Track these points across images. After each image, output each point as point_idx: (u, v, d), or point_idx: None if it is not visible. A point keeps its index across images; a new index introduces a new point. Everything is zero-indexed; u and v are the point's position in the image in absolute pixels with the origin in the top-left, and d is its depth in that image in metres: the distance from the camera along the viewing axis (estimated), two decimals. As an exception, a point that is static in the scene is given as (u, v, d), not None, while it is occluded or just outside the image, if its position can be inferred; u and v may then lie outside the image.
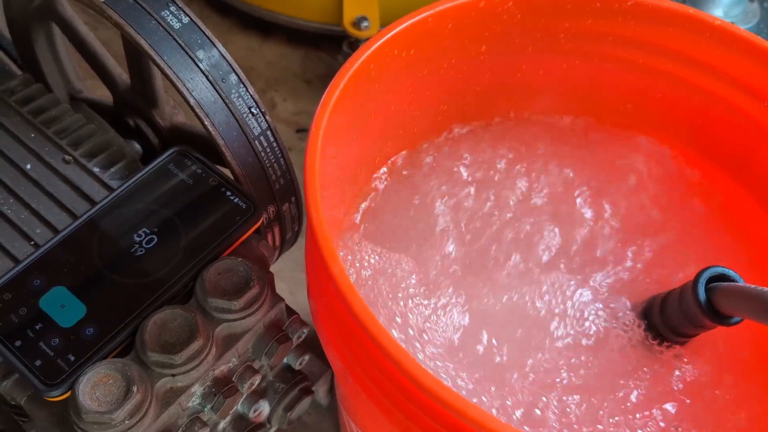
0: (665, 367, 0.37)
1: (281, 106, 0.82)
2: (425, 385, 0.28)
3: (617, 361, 0.37)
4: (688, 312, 0.35)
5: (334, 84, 0.36)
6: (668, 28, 0.44)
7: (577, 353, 0.37)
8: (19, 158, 0.47)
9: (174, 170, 0.45)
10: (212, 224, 0.42)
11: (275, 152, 0.47)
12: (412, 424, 0.32)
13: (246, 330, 0.40)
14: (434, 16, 0.41)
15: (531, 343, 0.38)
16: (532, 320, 0.39)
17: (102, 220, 0.42)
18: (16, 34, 0.56)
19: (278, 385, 0.46)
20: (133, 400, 0.35)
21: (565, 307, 0.39)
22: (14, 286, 0.39)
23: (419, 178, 0.46)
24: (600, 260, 0.41)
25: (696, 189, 0.45)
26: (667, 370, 0.37)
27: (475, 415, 0.27)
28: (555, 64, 0.47)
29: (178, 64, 0.43)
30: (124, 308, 0.39)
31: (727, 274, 0.35)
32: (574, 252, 0.42)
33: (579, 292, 0.39)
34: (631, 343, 0.37)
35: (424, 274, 0.41)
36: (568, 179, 0.45)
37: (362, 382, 0.34)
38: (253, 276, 0.40)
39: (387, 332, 0.29)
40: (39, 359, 0.37)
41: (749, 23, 0.73)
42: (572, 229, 0.42)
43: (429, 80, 0.45)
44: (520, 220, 0.43)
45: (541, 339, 0.38)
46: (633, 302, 0.39)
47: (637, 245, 0.42)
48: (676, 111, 0.46)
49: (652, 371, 0.37)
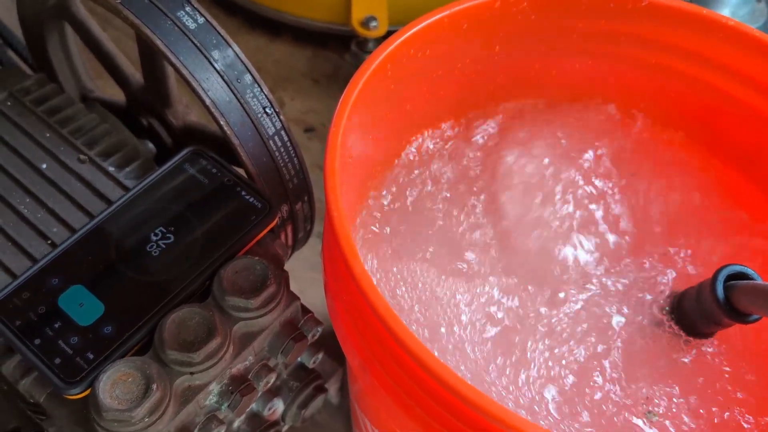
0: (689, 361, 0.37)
1: (289, 105, 0.83)
2: (449, 383, 0.28)
3: (640, 355, 0.37)
4: (706, 310, 0.35)
5: (353, 83, 0.36)
6: (681, 28, 0.44)
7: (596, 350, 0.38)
8: (35, 158, 0.47)
9: (189, 169, 0.45)
10: (228, 223, 0.42)
11: (289, 152, 0.47)
12: (431, 420, 0.32)
13: (263, 328, 0.40)
14: (450, 17, 0.41)
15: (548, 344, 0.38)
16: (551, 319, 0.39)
17: (119, 219, 0.42)
18: (29, 34, 0.56)
19: (292, 383, 0.46)
20: (153, 398, 0.35)
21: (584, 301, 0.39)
22: (33, 285, 0.39)
23: (433, 175, 0.46)
24: (620, 256, 0.42)
25: (711, 186, 0.46)
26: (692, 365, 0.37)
27: (497, 412, 0.28)
28: (568, 64, 0.47)
29: (193, 64, 0.43)
30: (141, 307, 0.39)
31: (745, 272, 0.35)
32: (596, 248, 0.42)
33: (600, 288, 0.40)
34: (652, 338, 0.38)
35: (441, 268, 0.41)
36: (586, 171, 0.45)
37: (381, 378, 0.34)
38: (270, 274, 0.40)
39: (410, 331, 0.29)
40: (58, 357, 0.37)
41: (757, 23, 0.74)
42: (591, 226, 0.43)
43: (443, 80, 0.45)
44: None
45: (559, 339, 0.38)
46: (653, 297, 0.39)
47: (654, 241, 0.42)
48: (690, 109, 0.47)
49: (674, 364, 0.37)
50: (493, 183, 0.45)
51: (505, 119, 0.48)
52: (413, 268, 0.41)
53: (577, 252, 0.42)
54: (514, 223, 0.43)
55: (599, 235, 0.43)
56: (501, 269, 0.41)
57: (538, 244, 0.42)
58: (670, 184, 0.45)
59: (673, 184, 0.46)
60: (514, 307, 0.40)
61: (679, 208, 0.45)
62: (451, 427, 0.31)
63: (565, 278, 0.41)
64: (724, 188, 0.46)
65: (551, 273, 0.41)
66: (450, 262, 0.41)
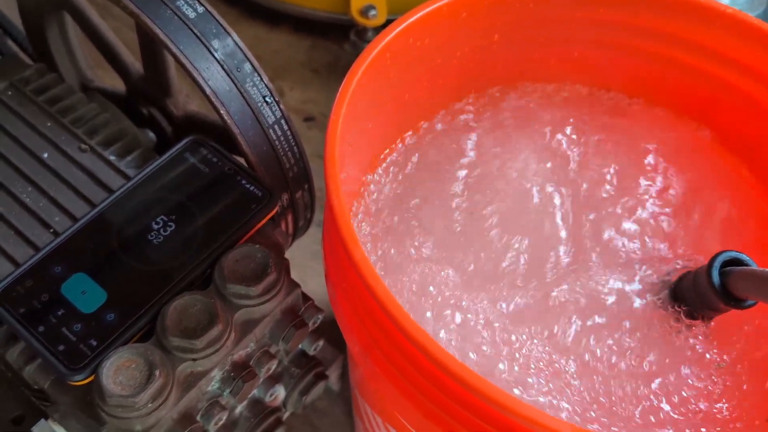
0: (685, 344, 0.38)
1: (288, 95, 0.83)
2: (450, 368, 0.28)
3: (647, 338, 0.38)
4: (702, 295, 0.36)
5: (352, 72, 0.36)
6: (680, 16, 0.44)
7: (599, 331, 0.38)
8: (36, 147, 0.47)
9: (190, 158, 0.45)
10: (229, 212, 0.43)
11: (289, 141, 0.47)
12: (432, 405, 0.33)
13: (264, 315, 0.41)
14: (449, 6, 0.41)
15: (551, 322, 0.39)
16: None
17: (120, 207, 0.43)
18: (28, 23, 0.57)
19: (293, 369, 0.47)
20: (156, 384, 0.36)
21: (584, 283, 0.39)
22: (36, 273, 0.40)
23: (431, 163, 0.46)
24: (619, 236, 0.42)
25: (710, 175, 0.46)
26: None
27: (499, 397, 0.28)
28: (567, 53, 0.47)
29: (194, 54, 0.43)
30: (144, 294, 0.39)
31: (741, 258, 0.35)
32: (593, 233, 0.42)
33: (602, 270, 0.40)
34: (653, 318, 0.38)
35: (438, 249, 0.41)
36: (587, 163, 0.45)
37: (381, 364, 0.34)
38: (271, 262, 0.40)
39: (411, 319, 0.29)
40: (62, 344, 0.37)
41: (756, 11, 0.74)
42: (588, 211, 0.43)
43: (442, 69, 0.45)
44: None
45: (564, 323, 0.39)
46: (658, 278, 0.40)
47: (655, 227, 0.43)
48: (689, 99, 0.47)
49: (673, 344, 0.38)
50: (490, 172, 0.45)
51: (504, 107, 0.48)
52: (411, 253, 0.41)
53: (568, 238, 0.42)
54: (511, 208, 0.43)
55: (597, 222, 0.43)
56: (500, 259, 0.42)
57: (535, 232, 0.43)
58: (674, 169, 0.46)
59: (676, 168, 0.46)
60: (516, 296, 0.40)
61: (679, 192, 0.45)
62: (452, 412, 0.31)
63: (558, 267, 0.41)
64: (725, 177, 0.46)
65: (548, 259, 0.41)
66: (447, 249, 0.42)
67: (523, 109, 0.48)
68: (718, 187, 0.45)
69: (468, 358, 0.37)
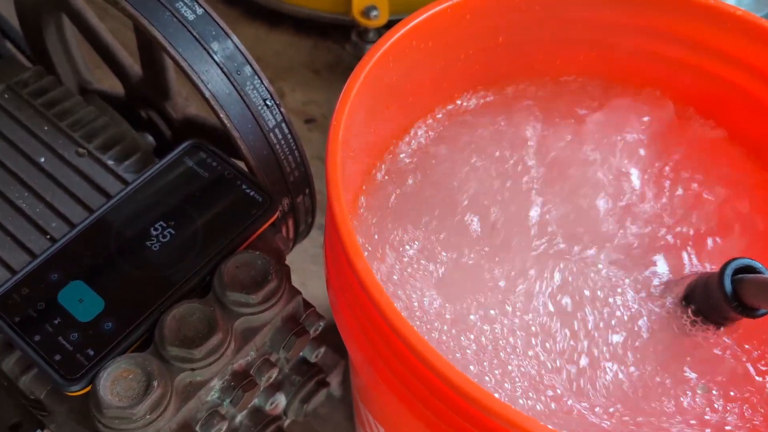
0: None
1: (289, 96, 0.82)
2: (450, 378, 0.28)
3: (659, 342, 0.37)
4: (713, 303, 0.35)
5: (354, 75, 0.36)
6: (687, 17, 0.43)
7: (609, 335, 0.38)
8: (32, 151, 0.47)
9: (189, 163, 0.44)
10: (229, 217, 0.42)
11: (290, 144, 0.47)
12: (434, 416, 0.32)
13: (264, 323, 0.40)
14: (453, 8, 0.40)
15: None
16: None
17: (118, 213, 0.42)
18: (26, 25, 0.56)
19: (294, 377, 0.46)
20: (154, 395, 0.35)
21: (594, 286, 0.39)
22: (32, 281, 0.39)
23: (432, 164, 0.46)
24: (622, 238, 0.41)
25: (718, 175, 0.45)
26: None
27: (499, 409, 0.27)
28: (572, 55, 0.47)
29: (192, 56, 0.43)
30: (142, 302, 0.39)
31: (754, 265, 0.35)
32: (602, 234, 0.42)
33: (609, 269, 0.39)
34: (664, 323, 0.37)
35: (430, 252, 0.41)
36: (591, 160, 0.45)
37: (383, 373, 0.34)
38: (271, 269, 0.39)
39: (414, 329, 0.28)
40: (58, 354, 0.37)
41: (762, 11, 0.73)
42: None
43: (446, 71, 0.44)
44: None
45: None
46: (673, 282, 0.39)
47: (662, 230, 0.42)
48: (697, 99, 0.46)
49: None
50: (493, 175, 0.45)
51: (508, 109, 0.48)
52: (413, 256, 0.40)
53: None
54: (514, 214, 0.43)
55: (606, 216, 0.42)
56: (504, 261, 0.41)
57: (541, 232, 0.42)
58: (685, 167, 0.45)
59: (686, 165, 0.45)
60: (520, 300, 0.40)
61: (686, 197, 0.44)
62: (452, 422, 0.31)
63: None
64: (733, 177, 0.46)
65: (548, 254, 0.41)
66: (450, 251, 0.41)
67: (529, 110, 0.48)
68: (733, 185, 0.44)
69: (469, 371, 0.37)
